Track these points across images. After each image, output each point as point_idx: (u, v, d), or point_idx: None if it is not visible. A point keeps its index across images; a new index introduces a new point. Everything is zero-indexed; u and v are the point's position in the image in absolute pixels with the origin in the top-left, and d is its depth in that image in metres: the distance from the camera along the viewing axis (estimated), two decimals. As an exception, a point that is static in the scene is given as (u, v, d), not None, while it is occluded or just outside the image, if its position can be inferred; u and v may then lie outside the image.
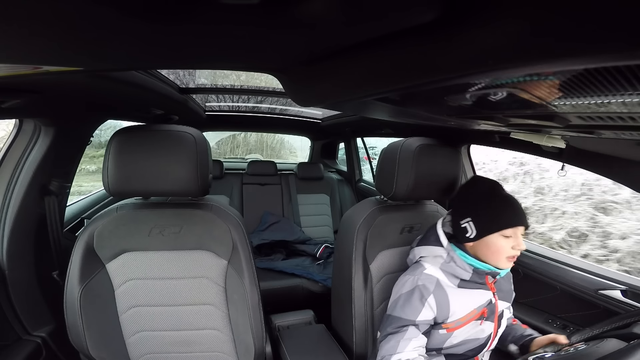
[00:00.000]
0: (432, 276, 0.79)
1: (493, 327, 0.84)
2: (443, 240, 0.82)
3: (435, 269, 0.81)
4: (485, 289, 0.82)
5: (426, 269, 0.81)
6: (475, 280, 0.80)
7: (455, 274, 0.80)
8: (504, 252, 0.75)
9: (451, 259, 0.80)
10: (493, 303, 0.83)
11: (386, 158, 0.99)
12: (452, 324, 0.79)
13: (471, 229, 0.76)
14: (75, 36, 0.33)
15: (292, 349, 0.99)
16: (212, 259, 0.88)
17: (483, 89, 0.38)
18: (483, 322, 0.82)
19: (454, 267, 0.79)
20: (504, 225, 0.74)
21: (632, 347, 0.54)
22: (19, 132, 0.95)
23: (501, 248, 0.75)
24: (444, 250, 0.81)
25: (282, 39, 0.39)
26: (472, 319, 0.80)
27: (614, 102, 0.32)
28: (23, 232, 0.96)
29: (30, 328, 0.97)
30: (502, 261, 0.76)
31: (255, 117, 2.17)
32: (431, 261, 0.82)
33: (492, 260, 0.77)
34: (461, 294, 0.79)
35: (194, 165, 0.80)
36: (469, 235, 0.77)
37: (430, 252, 0.83)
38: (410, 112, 0.69)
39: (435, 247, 0.83)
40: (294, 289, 1.72)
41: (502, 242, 0.75)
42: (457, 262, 0.79)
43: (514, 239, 0.75)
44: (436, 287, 0.78)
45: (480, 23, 0.25)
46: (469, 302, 0.80)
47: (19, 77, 0.54)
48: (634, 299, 0.87)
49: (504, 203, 0.77)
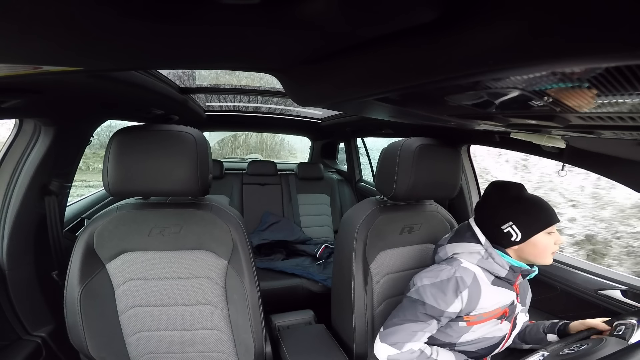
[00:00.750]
0: (469, 270, 0.79)
1: (509, 328, 0.85)
2: (481, 237, 0.82)
3: (472, 264, 0.81)
4: (511, 290, 0.83)
5: (463, 263, 0.81)
6: (509, 278, 0.80)
7: (492, 270, 0.80)
8: (550, 249, 0.78)
9: (489, 255, 0.80)
10: (515, 304, 0.84)
11: (386, 158, 0.99)
12: (474, 317, 0.80)
13: (515, 233, 0.78)
14: (75, 36, 0.33)
15: (292, 349, 0.99)
16: (212, 259, 0.88)
17: (490, 89, 0.38)
18: (503, 322, 0.83)
19: (491, 264, 0.80)
20: (547, 223, 0.77)
21: (632, 347, 0.54)
22: (19, 132, 0.95)
23: (548, 245, 0.78)
24: (481, 246, 0.81)
25: (282, 38, 0.39)
26: (494, 316, 0.81)
27: (615, 102, 0.32)
28: (23, 232, 0.96)
29: (30, 328, 0.97)
30: (549, 257, 0.79)
31: (255, 117, 2.17)
32: (467, 257, 0.82)
33: (540, 258, 0.79)
34: (492, 291, 0.80)
35: (194, 165, 0.80)
36: (515, 239, 0.78)
37: (465, 248, 0.83)
38: (410, 112, 0.69)
39: (471, 243, 0.82)
40: (294, 289, 1.72)
41: (547, 239, 0.78)
42: (495, 258, 0.80)
43: (554, 235, 0.78)
44: (473, 281, 0.78)
45: (480, 23, 0.25)
46: (497, 300, 0.81)
47: (19, 77, 0.54)
48: (634, 299, 0.87)
49: (538, 203, 0.80)
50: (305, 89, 0.59)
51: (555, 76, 0.28)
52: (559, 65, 0.24)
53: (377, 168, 1.04)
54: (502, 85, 0.33)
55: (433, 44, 0.30)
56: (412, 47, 0.33)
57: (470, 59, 0.27)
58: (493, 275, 0.80)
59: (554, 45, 0.21)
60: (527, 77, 0.29)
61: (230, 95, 1.74)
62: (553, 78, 0.29)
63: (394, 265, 1.00)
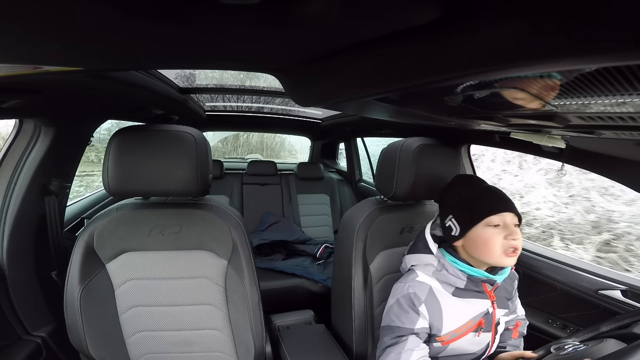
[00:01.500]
0: (424, 283, 0.75)
1: (490, 337, 0.79)
2: (432, 247, 0.77)
3: (428, 276, 0.76)
4: (483, 298, 0.76)
5: (418, 276, 0.76)
6: (471, 288, 0.74)
7: (449, 282, 0.74)
8: (495, 244, 0.68)
9: (442, 266, 0.74)
10: (490, 313, 0.77)
11: (386, 158, 0.99)
12: (446, 336, 0.74)
13: (455, 226, 0.72)
14: (75, 36, 0.33)
15: (292, 349, 0.99)
16: (212, 259, 0.88)
17: (481, 88, 0.38)
18: (480, 334, 0.76)
19: (446, 275, 0.74)
20: (485, 212, 0.69)
21: (632, 347, 0.54)
22: (19, 132, 0.95)
23: (489, 239, 0.68)
24: (434, 257, 0.76)
25: (282, 39, 0.39)
26: (469, 330, 0.75)
27: (615, 102, 0.32)
28: (23, 232, 0.96)
29: (30, 328, 0.97)
30: (497, 255, 0.68)
31: (255, 117, 2.17)
32: (423, 269, 0.77)
33: (486, 256, 0.70)
34: (456, 303, 0.74)
35: (194, 165, 0.80)
36: (454, 233, 0.72)
37: (420, 260, 0.78)
38: (410, 112, 0.69)
39: (424, 254, 0.78)
40: (294, 289, 1.72)
41: (490, 232, 0.68)
42: (449, 269, 0.74)
43: (503, 227, 0.69)
44: (428, 295, 0.74)
45: (480, 23, 0.25)
46: (464, 312, 0.75)
47: (19, 77, 0.54)
48: (634, 299, 0.87)
49: (484, 192, 0.72)
50: (305, 89, 0.59)
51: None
52: (559, 65, 0.24)
53: (377, 168, 1.04)
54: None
55: (433, 44, 0.30)
56: (412, 47, 0.33)
57: (470, 58, 0.27)
58: (453, 287, 0.75)
59: (554, 45, 0.21)
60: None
61: (230, 95, 1.74)
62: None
63: (394, 265, 0.99)
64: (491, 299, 0.77)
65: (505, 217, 0.70)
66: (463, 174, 0.84)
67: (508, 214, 0.70)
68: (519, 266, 1.12)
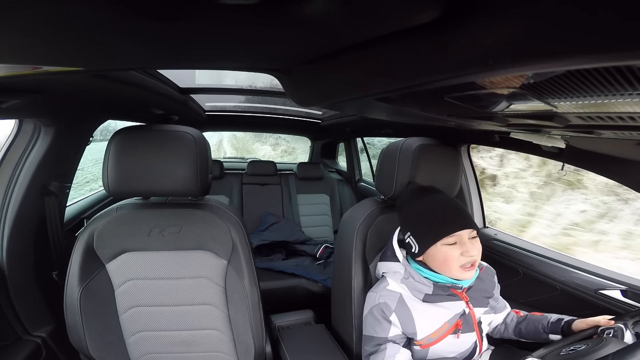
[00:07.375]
0: (394, 292, 0.76)
1: (476, 336, 0.80)
2: (399, 255, 0.78)
3: (398, 284, 0.77)
4: (456, 300, 0.77)
5: (389, 285, 0.78)
6: (440, 293, 0.76)
7: (417, 289, 0.76)
8: (453, 262, 0.70)
9: (409, 274, 0.76)
10: (468, 313, 0.78)
11: (386, 158, 0.99)
12: (423, 340, 0.76)
13: (414, 244, 0.74)
14: (75, 36, 0.33)
15: (292, 349, 0.99)
16: (212, 259, 0.88)
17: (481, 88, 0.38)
18: (460, 335, 0.77)
19: (414, 283, 0.76)
20: (442, 233, 0.70)
21: (632, 347, 0.54)
22: (19, 132, 0.95)
23: (449, 257, 0.70)
24: (401, 265, 0.77)
25: (281, 39, 0.39)
26: (446, 333, 0.76)
27: (614, 102, 0.32)
28: (23, 232, 0.96)
29: (30, 328, 0.97)
30: (455, 271, 0.71)
31: (255, 117, 2.17)
32: (392, 277, 0.79)
33: (445, 272, 0.73)
34: (427, 309, 0.75)
35: (194, 165, 0.80)
36: (414, 250, 0.74)
37: (389, 268, 0.80)
38: (410, 112, 0.69)
39: (393, 262, 0.79)
40: (294, 289, 1.72)
41: (447, 250, 0.71)
42: (415, 277, 0.76)
43: (459, 245, 0.71)
44: (398, 303, 0.75)
45: (480, 23, 0.25)
46: (437, 316, 0.76)
47: (19, 77, 0.54)
48: (634, 299, 0.87)
49: (438, 210, 0.73)
50: (305, 89, 0.59)
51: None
52: (559, 65, 0.24)
53: (377, 168, 1.04)
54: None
55: (433, 44, 0.30)
56: (412, 47, 0.33)
57: (470, 58, 0.27)
58: (422, 293, 0.76)
59: (554, 45, 0.21)
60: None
61: (230, 95, 1.74)
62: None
63: (394, 265, 0.99)
64: (465, 300, 0.78)
65: (461, 234, 0.71)
66: (416, 184, 0.84)
67: (464, 231, 0.71)
68: (518, 266, 1.12)
